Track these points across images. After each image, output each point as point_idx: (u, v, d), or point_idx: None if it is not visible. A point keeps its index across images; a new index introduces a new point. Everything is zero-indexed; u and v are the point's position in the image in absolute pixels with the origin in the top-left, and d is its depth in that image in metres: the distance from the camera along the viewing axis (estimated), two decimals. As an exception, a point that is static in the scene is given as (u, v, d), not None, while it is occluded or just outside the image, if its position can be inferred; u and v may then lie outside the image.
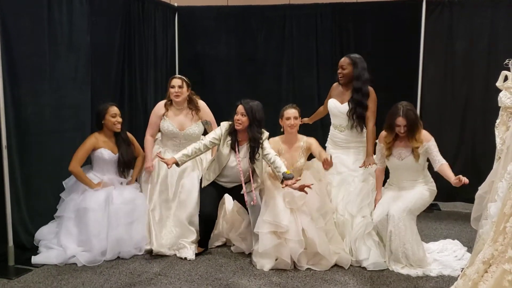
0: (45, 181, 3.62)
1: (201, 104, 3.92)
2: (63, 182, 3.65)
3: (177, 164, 3.45)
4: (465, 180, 3.05)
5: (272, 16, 5.27)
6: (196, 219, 3.65)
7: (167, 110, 3.82)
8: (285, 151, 3.61)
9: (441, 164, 3.31)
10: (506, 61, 3.55)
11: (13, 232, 3.30)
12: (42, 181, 3.60)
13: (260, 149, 3.45)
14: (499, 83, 3.52)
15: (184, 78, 3.83)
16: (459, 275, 2.79)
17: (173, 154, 3.66)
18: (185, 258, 3.51)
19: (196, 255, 3.58)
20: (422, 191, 3.39)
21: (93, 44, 3.97)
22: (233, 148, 3.48)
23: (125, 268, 3.36)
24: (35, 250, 3.47)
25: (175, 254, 3.59)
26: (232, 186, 3.58)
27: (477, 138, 4.83)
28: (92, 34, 3.96)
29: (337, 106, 3.69)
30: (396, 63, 4.82)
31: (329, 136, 3.86)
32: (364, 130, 3.70)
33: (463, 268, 2.88)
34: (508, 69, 3.50)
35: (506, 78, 3.48)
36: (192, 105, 3.84)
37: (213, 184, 3.58)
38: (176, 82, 3.76)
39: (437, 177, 3.49)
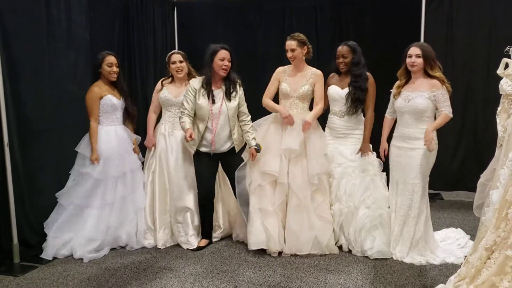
0: (47, 177, 3.63)
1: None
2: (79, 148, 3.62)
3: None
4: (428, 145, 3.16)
5: (271, 9, 5.25)
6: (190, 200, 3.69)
7: (164, 83, 3.85)
8: (290, 76, 3.64)
9: (440, 113, 3.30)
10: (507, 48, 3.53)
11: (18, 229, 3.32)
12: (45, 177, 3.61)
13: (237, 89, 3.56)
14: (499, 71, 3.50)
15: (181, 52, 3.90)
16: (462, 263, 2.80)
17: (169, 126, 3.79)
18: (187, 249, 3.60)
19: (201, 248, 3.61)
20: (422, 158, 3.34)
21: (92, 40, 3.96)
22: (208, 96, 3.50)
23: (130, 262, 3.38)
24: (39, 247, 3.48)
25: (178, 245, 3.67)
26: (222, 152, 3.57)
27: (478, 126, 4.84)
28: (91, 30, 3.95)
29: (338, 92, 3.68)
30: (396, 53, 4.79)
31: (327, 124, 3.84)
32: (361, 116, 3.69)
33: (466, 256, 2.90)
34: (509, 56, 3.47)
35: (507, 66, 3.46)
36: (191, 77, 3.86)
37: (206, 158, 3.57)
38: (176, 57, 3.80)
39: (439, 167, 3.48)
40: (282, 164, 3.48)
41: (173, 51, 3.93)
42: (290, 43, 3.55)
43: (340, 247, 3.58)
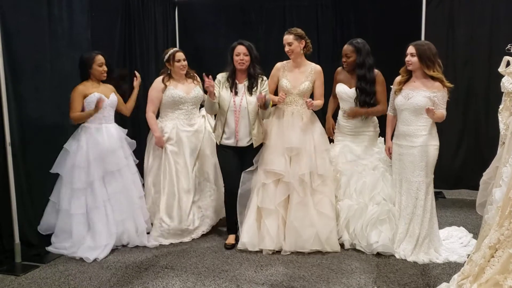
0: (48, 177, 3.61)
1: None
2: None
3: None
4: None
5: (272, 8, 5.26)
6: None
7: (166, 83, 3.85)
8: (289, 72, 3.64)
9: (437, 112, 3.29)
10: (508, 46, 3.53)
11: (19, 228, 3.31)
12: (46, 177, 3.60)
13: (258, 84, 3.57)
14: (501, 69, 3.49)
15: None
16: (465, 261, 2.79)
17: (184, 126, 3.86)
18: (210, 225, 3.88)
19: (232, 246, 3.63)
20: (427, 155, 3.33)
21: (94, 39, 3.96)
22: (231, 88, 3.56)
23: (131, 262, 3.37)
24: (41, 247, 3.49)
25: (180, 243, 3.69)
26: (243, 146, 3.58)
27: (480, 124, 4.83)
28: (92, 30, 3.95)
29: (346, 91, 3.67)
30: (397, 51, 4.80)
31: (337, 121, 3.84)
32: (370, 117, 3.68)
33: (469, 254, 2.89)
34: (510, 54, 3.47)
35: (508, 64, 3.46)
36: (189, 75, 3.94)
37: (228, 151, 3.60)
38: (181, 56, 3.85)
39: (441, 165, 3.47)
40: (286, 162, 3.49)
41: (175, 49, 3.93)
42: (287, 37, 3.56)
43: (342, 245, 3.56)
